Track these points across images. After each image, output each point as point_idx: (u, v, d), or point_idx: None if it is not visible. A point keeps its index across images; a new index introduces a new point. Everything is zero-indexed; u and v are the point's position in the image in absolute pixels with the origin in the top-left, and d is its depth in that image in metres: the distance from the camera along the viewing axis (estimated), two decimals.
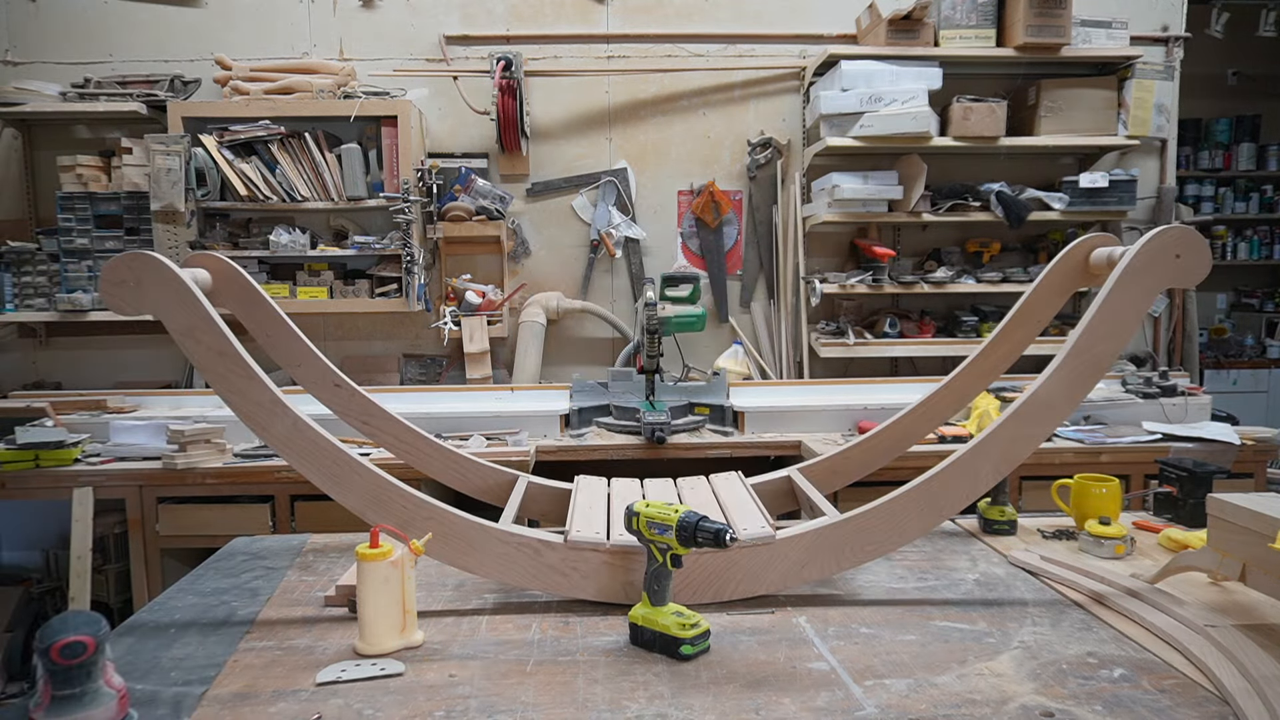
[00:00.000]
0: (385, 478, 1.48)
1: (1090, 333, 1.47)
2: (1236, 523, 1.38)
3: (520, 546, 1.48)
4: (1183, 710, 1.13)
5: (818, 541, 1.51)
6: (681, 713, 1.13)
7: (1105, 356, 1.48)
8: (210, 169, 3.61)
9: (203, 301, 1.43)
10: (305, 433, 1.46)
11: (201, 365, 1.45)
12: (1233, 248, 6.04)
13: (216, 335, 1.42)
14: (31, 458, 2.85)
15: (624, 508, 1.68)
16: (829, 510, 1.61)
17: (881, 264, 3.88)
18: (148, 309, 1.43)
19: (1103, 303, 1.46)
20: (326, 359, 1.81)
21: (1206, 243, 1.46)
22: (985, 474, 1.51)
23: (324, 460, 1.47)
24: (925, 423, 1.97)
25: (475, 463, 1.91)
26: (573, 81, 4.01)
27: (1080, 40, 3.83)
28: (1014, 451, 1.51)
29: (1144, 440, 3.03)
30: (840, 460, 2.00)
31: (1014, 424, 1.49)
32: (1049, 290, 1.79)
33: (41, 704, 1.03)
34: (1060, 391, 1.48)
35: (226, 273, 1.68)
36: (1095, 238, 1.72)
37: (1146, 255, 1.45)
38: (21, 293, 3.71)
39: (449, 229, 3.77)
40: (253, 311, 1.74)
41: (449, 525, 1.48)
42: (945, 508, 1.53)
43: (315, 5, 3.93)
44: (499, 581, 1.53)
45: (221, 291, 1.68)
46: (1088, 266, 1.72)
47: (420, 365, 4.05)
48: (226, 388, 1.45)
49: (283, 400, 1.45)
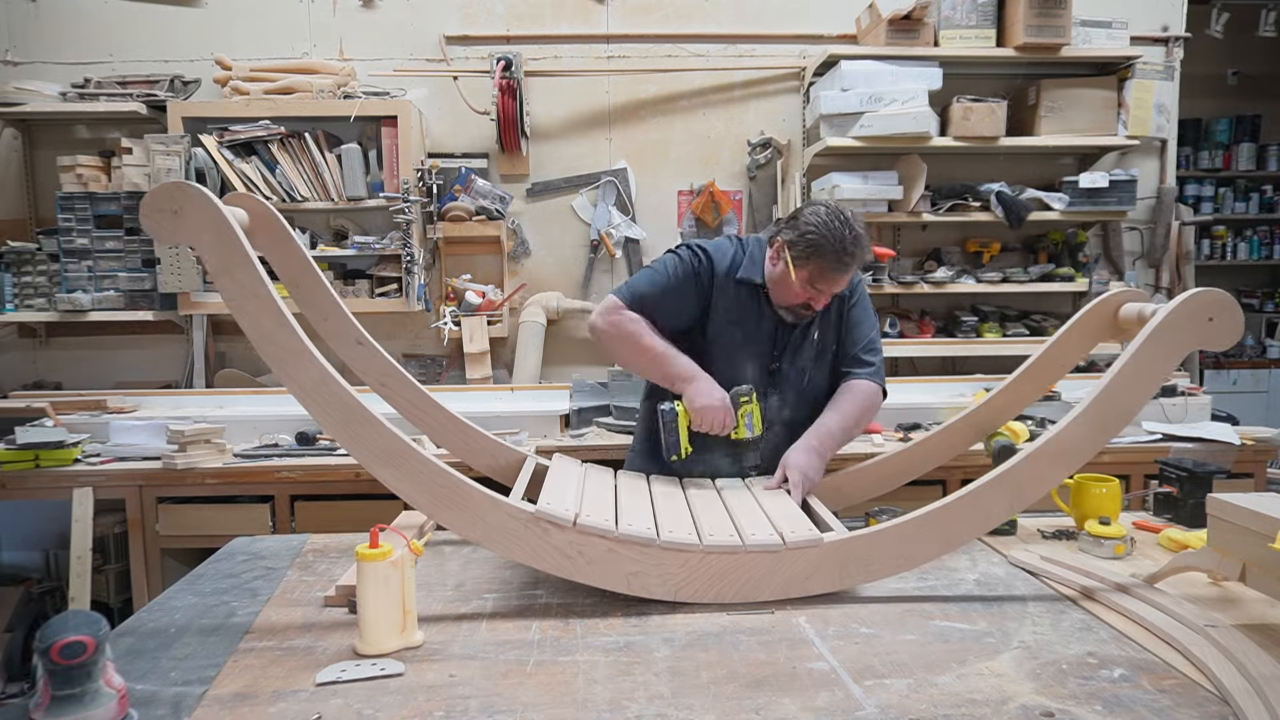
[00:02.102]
0: (402, 438, 1.46)
1: (1116, 385, 1.49)
2: (1236, 523, 1.38)
3: (529, 524, 1.48)
4: (1183, 710, 1.13)
5: (825, 555, 1.52)
6: (681, 713, 1.14)
7: (1128, 409, 1.51)
8: (210, 169, 3.60)
9: (241, 239, 1.40)
10: (328, 384, 1.43)
11: (234, 304, 1.42)
12: (1233, 248, 6.04)
13: (252, 276, 1.40)
14: (31, 458, 2.85)
15: (631, 499, 1.69)
16: (837, 526, 1.62)
17: (881, 264, 3.88)
18: (187, 238, 1.40)
19: (1132, 357, 1.48)
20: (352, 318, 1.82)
21: (1239, 307, 1.48)
22: (998, 509, 1.54)
23: (344, 413, 1.44)
24: (936, 455, 1.98)
25: (486, 437, 1.92)
26: (573, 81, 4.01)
27: (1080, 40, 3.83)
28: (1028, 490, 1.53)
29: (1144, 440, 3.03)
30: (848, 479, 2.03)
31: (1031, 464, 1.51)
32: (1071, 341, 1.81)
33: (41, 704, 1.03)
34: (1082, 438, 1.51)
35: (264, 215, 1.67)
36: (1125, 293, 1.74)
37: (1179, 316, 1.47)
38: (21, 293, 3.71)
39: (449, 229, 3.77)
40: (285, 258, 1.73)
41: (461, 494, 1.47)
42: (954, 538, 1.55)
43: (315, 5, 3.93)
44: (502, 556, 1.51)
45: (257, 233, 1.65)
46: (1115, 321, 1.73)
47: (420, 365, 4.04)
48: (257, 330, 1.42)
49: (309, 349, 1.42)
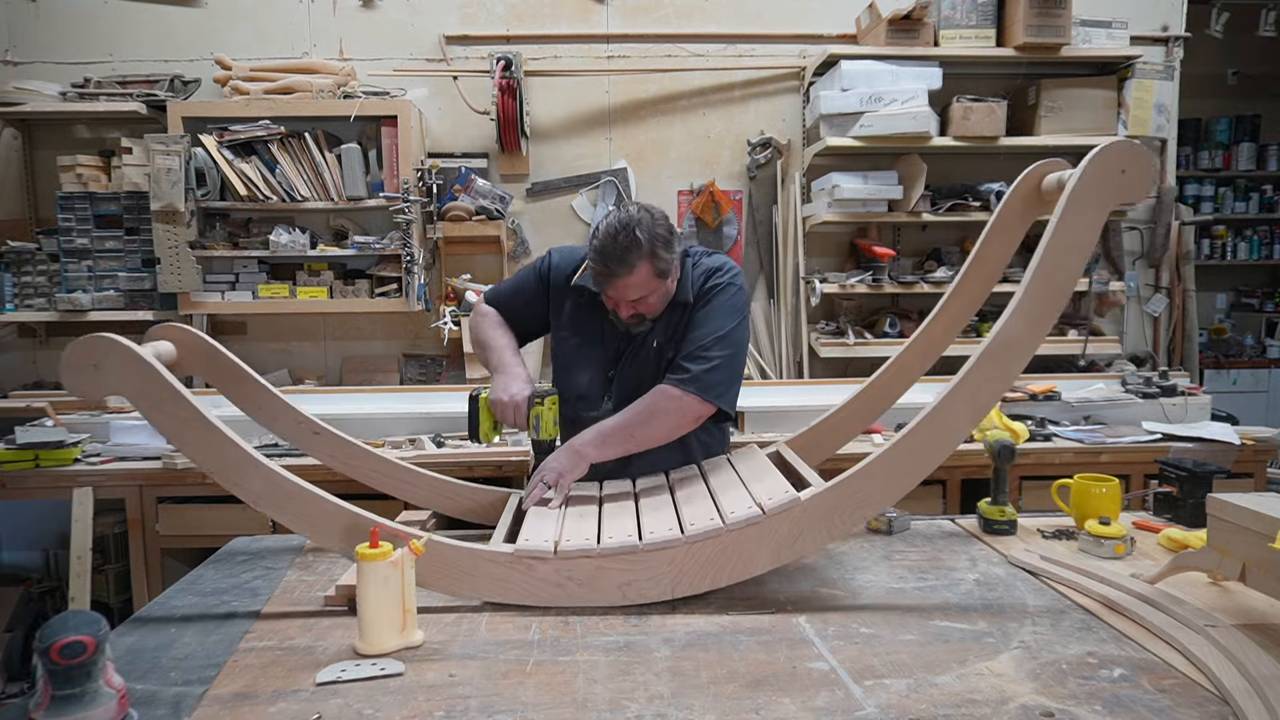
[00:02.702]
0: (366, 516, 1.49)
1: (1048, 259, 1.47)
2: (1236, 523, 1.38)
3: (511, 565, 1.49)
4: (1183, 710, 1.13)
5: (807, 513, 1.51)
6: (681, 713, 1.14)
7: (1065, 284, 1.49)
8: (210, 169, 3.60)
9: (163, 374, 1.43)
10: (281, 484, 1.48)
11: (173, 436, 1.47)
12: (1233, 248, 6.04)
13: (184, 405, 1.44)
14: (31, 458, 2.86)
15: (613, 511, 1.69)
16: (815, 480, 1.61)
17: (881, 264, 3.88)
18: (112, 391, 1.43)
19: (1056, 226, 1.47)
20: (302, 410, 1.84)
21: (1150, 155, 1.47)
22: (962, 420, 1.51)
23: (303, 507, 1.49)
24: (902, 378, 1.99)
25: (464, 486, 1.93)
26: (573, 81, 4.01)
27: (1080, 40, 3.83)
28: (987, 393, 1.51)
29: (1144, 440, 3.04)
30: (826, 427, 2.02)
31: (983, 365, 1.49)
32: (1005, 224, 1.80)
33: (41, 704, 1.03)
34: (1025, 324, 1.49)
35: (189, 341, 1.71)
36: (1047, 164, 1.72)
37: (1092, 173, 1.45)
38: (21, 293, 3.71)
39: (449, 229, 3.77)
40: (220, 374, 1.77)
41: (440, 555, 1.49)
42: (928, 459, 1.52)
43: (315, 5, 3.93)
44: (498, 600, 1.51)
45: (186, 360, 1.71)
46: (1040, 194, 1.72)
47: (420, 365, 4.04)
48: (200, 454, 1.47)
49: (255, 457, 1.47)
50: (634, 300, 1.86)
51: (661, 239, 1.82)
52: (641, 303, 1.88)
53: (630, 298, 1.86)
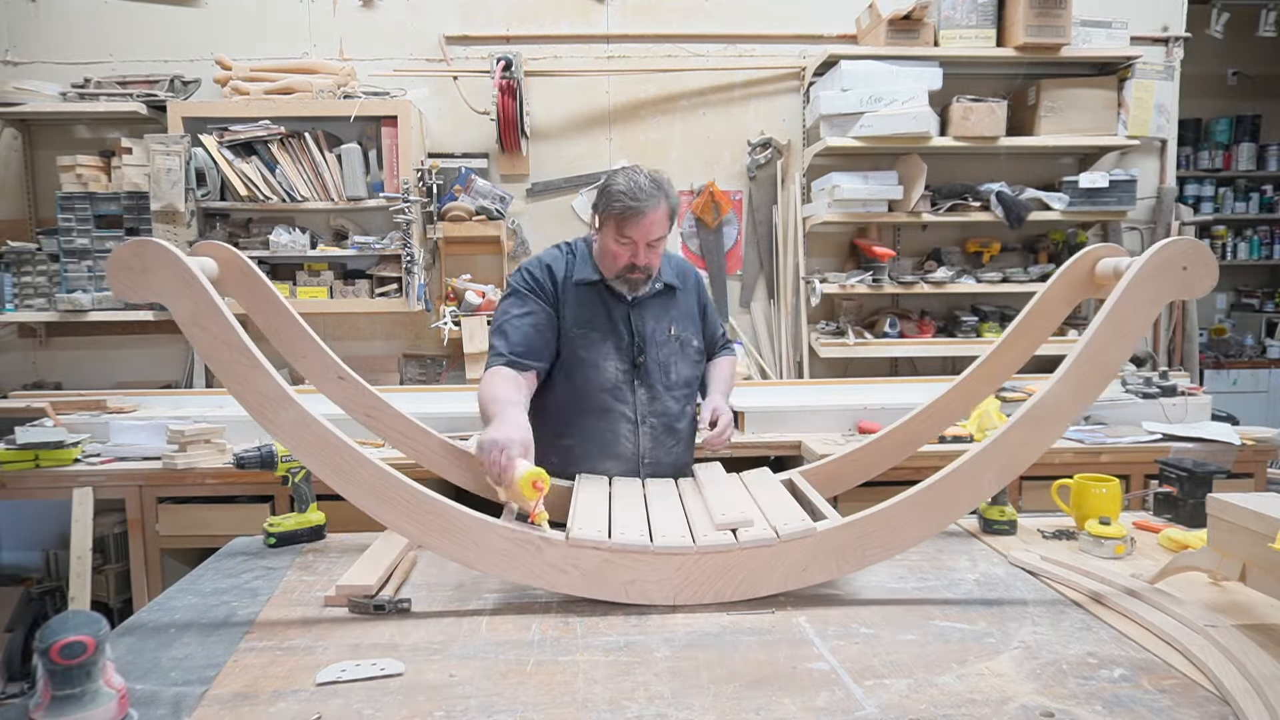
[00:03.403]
0: (388, 471, 1.47)
1: (1095, 342, 1.48)
2: (1236, 523, 1.38)
3: (522, 543, 1.48)
4: (1183, 710, 1.13)
5: (820, 545, 1.52)
6: (681, 713, 1.13)
7: (1110, 365, 1.49)
8: (210, 169, 3.60)
9: (209, 289, 1.42)
10: (311, 425, 1.45)
11: (207, 354, 1.44)
12: (1233, 248, 6.04)
13: (222, 325, 1.42)
14: (31, 458, 2.85)
15: (626, 507, 1.69)
16: (831, 514, 1.62)
17: (881, 264, 3.88)
18: (154, 295, 1.42)
19: (1109, 313, 1.47)
20: (330, 351, 1.81)
21: (1214, 256, 1.47)
22: (988, 481, 1.53)
23: (328, 453, 1.47)
24: (930, 427, 1.97)
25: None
26: (573, 81, 4.01)
27: (1080, 40, 3.83)
28: (1018, 458, 1.52)
29: (1144, 440, 3.03)
30: (845, 464, 2.01)
31: (1019, 430, 1.50)
32: (1054, 299, 1.80)
33: (41, 704, 1.03)
34: (1065, 399, 1.50)
35: (233, 262, 1.68)
36: (1102, 248, 1.72)
37: (1154, 267, 1.46)
38: (21, 293, 3.71)
39: (449, 229, 3.77)
40: (258, 302, 1.74)
41: (451, 520, 1.48)
42: (948, 513, 1.54)
43: (315, 5, 3.93)
44: (500, 577, 1.53)
45: (227, 281, 1.67)
46: (1093, 277, 1.73)
47: (420, 365, 4.04)
48: (232, 378, 1.44)
49: (288, 392, 1.45)
50: (653, 241, 1.96)
51: (668, 185, 1.99)
52: (654, 248, 1.98)
53: (654, 236, 1.96)
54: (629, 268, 1.98)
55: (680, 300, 2.13)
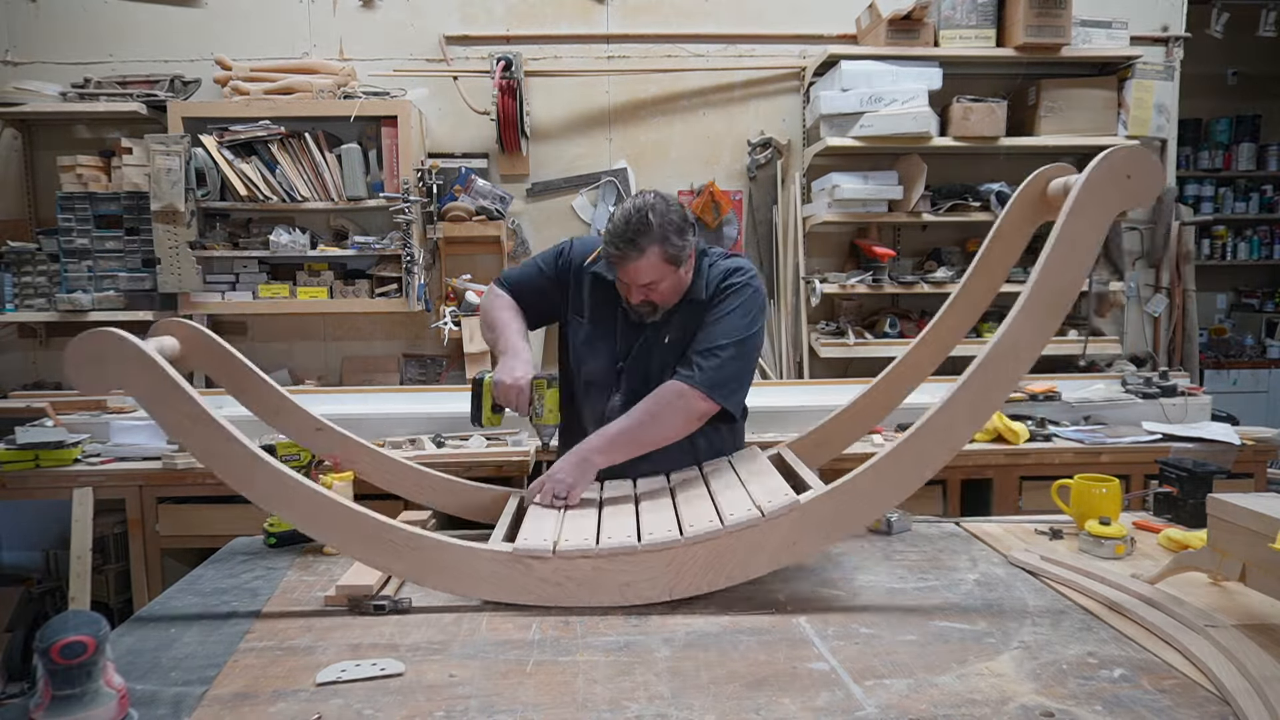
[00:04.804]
0: (366, 514, 1.50)
1: (1051, 265, 1.45)
2: (1236, 523, 1.37)
3: (510, 564, 1.49)
4: (1183, 710, 1.13)
5: (806, 517, 1.50)
6: (681, 713, 1.13)
7: (1069, 289, 1.47)
8: (210, 169, 3.60)
9: (168, 370, 1.43)
10: (284, 482, 1.48)
11: (174, 432, 1.48)
12: (1233, 248, 6.04)
13: (185, 401, 1.43)
14: (31, 458, 2.85)
15: (613, 511, 1.69)
16: (816, 484, 1.61)
17: (881, 264, 3.88)
18: (114, 385, 1.43)
19: (1060, 231, 1.45)
20: (305, 408, 1.84)
21: (1156, 159, 1.45)
22: (963, 425, 1.50)
23: (305, 507, 1.49)
24: (907, 379, 1.98)
25: (465, 485, 1.93)
26: (573, 81, 4.01)
27: (1080, 40, 3.83)
28: (988, 398, 1.50)
29: (1144, 440, 3.03)
30: (829, 429, 2.01)
31: (984, 370, 1.48)
32: (1011, 226, 1.80)
33: (41, 704, 1.03)
34: (1028, 330, 1.47)
35: (194, 337, 1.72)
36: (1053, 168, 1.71)
37: (1098, 177, 1.44)
38: (21, 293, 3.71)
39: (449, 229, 3.77)
40: (224, 370, 1.77)
41: (440, 554, 1.49)
42: (929, 464, 1.51)
43: (315, 5, 3.93)
44: (494, 599, 1.52)
45: (190, 355, 1.71)
46: (1045, 199, 1.72)
47: (420, 365, 4.04)
48: (204, 451, 1.47)
49: (258, 455, 1.47)
50: (645, 285, 1.85)
51: (674, 225, 1.82)
52: (653, 289, 1.87)
53: (641, 282, 1.85)
54: (643, 303, 1.90)
55: (698, 312, 1.93)
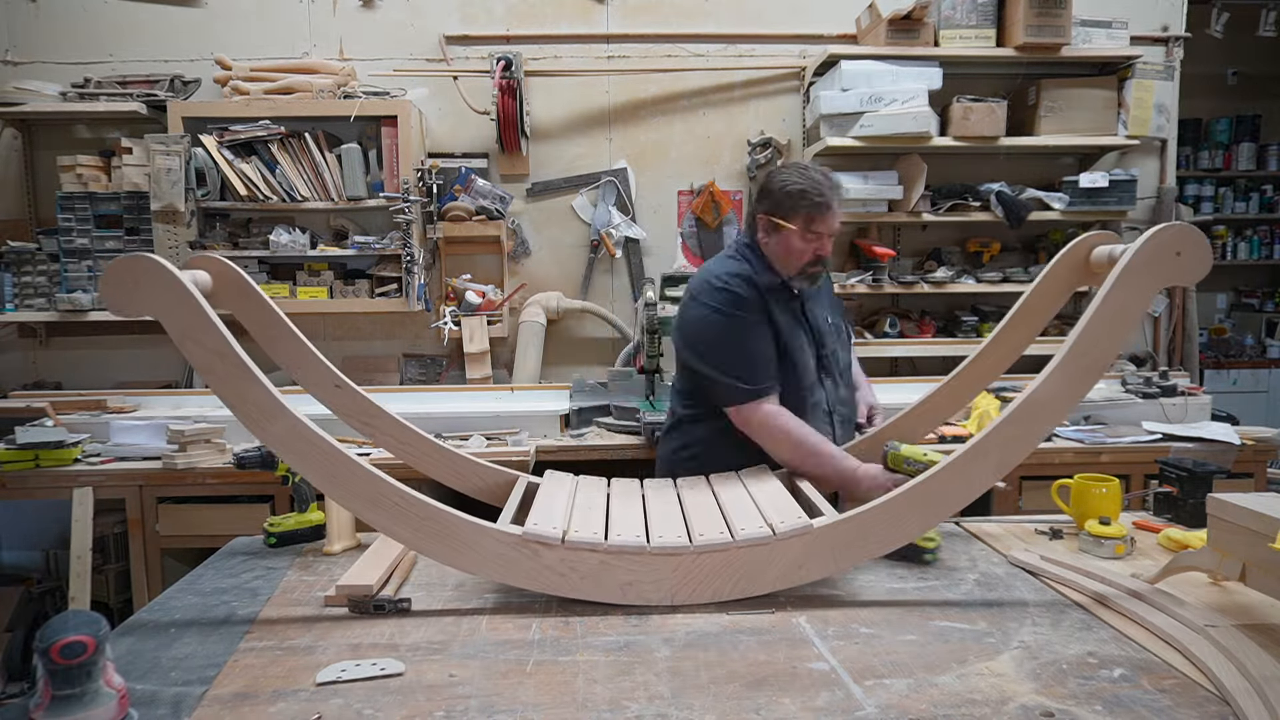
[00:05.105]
0: (381, 477, 1.48)
1: (1090, 332, 1.46)
2: (1236, 523, 1.37)
3: (518, 547, 1.48)
4: (1183, 710, 1.13)
5: (816, 541, 1.51)
6: (681, 713, 1.14)
7: (1104, 356, 1.48)
8: (210, 169, 3.60)
9: (201, 303, 1.42)
10: (303, 434, 1.46)
11: (200, 366, 1.45)
12: (1233, 248, 6.03)
13: (215, 337, 1.42)
14: (31, 458, 2.85)
15: (622, 508, 1.69)
16: (828, 510, 1.61)
17: (881, 264, 3.88)
18: (147, 310, 1.42)
19: (1102, 301, 1.45)
20: (327, 360, 1.81)
21: (1206, 240, 1.45)
22: (983, 475, 1.51)
23: (322, 461, 1.47)
24: (925, 422, 1.97)
25: (474, 463, 1.91)
26: (573, 81, 4.01)
27: (1080, 40, 3.83)
28: (1012, 452, 1.51)
29: (1144, 440, 3.03)
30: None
31: (1012, 424, 1.49)
32: (1049, 289, 1.79)
33: (41, 704, 1.03)
34: (1059, 391, 1.48)
35: (226, 274, 1.68)
36: (1096, 235, 1.72)
37: (1147, 253, 1.45)
38: (21, 293, 3.71)
39: (449, 229, 3.77)
40: (252, 313, 1.74)
41: (446, 525, 1.48)
42: (943, 508, 1.53)
43: (315, 5, 3.93)
44: (497, 582, 1.53)
45: (221, 293, 1.68)
46: (1088, 265, 1.72)
47: (420, 365, 4.04)
48: (225, 389, 1.45)
49: (281, 401, 1.45)
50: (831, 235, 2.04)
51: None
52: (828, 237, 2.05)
53: (837, 228, 2.05)
54: (812, 262, 2.02)
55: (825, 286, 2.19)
